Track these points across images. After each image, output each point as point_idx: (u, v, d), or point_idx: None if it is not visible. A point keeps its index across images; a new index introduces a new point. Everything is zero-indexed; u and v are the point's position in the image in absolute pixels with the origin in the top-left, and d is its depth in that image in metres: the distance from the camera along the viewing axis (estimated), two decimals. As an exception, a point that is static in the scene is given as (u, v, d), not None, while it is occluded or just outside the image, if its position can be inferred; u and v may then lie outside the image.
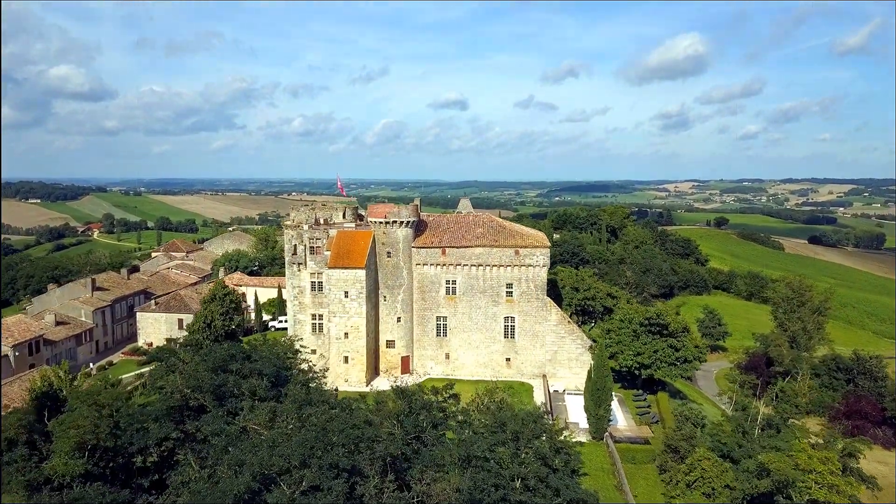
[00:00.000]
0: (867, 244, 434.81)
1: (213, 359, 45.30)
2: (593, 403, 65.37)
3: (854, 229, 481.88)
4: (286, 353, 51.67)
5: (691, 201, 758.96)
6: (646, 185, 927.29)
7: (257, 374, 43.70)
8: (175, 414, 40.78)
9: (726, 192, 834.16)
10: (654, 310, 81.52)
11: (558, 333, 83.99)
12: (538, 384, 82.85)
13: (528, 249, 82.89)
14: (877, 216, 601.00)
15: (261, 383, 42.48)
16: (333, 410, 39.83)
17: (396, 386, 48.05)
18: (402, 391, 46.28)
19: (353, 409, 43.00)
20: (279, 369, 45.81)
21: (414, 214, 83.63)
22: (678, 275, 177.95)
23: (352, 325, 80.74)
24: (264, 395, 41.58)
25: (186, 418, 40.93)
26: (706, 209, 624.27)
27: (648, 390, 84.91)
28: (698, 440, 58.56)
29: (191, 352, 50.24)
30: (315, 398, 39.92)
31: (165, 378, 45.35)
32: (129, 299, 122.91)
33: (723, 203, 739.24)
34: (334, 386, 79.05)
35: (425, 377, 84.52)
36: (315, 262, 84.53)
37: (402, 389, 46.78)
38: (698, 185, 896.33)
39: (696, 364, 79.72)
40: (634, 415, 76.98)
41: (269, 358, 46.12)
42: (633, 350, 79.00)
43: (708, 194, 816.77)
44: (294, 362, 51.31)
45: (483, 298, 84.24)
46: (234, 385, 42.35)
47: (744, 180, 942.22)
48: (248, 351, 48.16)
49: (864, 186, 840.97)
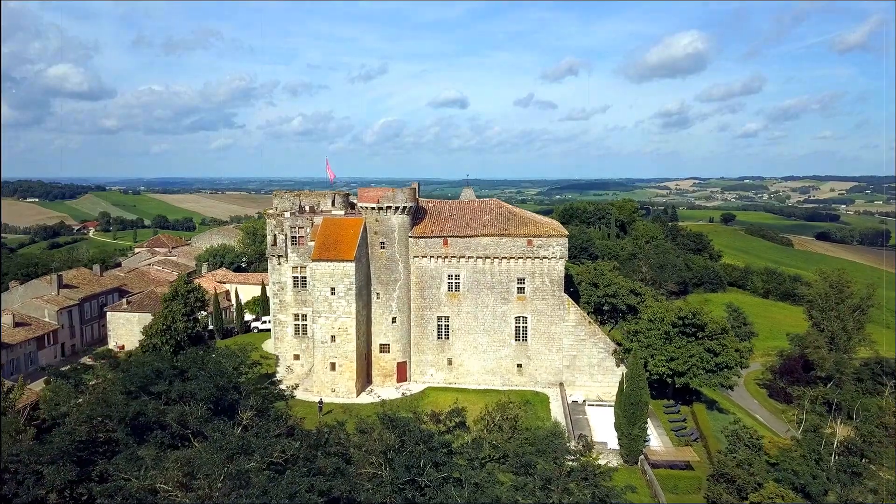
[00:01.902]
0: (872, 241, 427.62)
1: (130, 378, 34.34)
2: (626, 421, 54.58)
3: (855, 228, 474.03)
4: (240, 365, 40.48)
5: (692, 199, 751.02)
6: (646, 182, 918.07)
7: (189, 398, 32.65)
8: (82, 451, 29.89)
9: (727, 190, 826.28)
10: (689, 308, 70.73)
11: (577, 335, 73.19)
12: (554, 394, 72.09)
13: (542, 239, 72.07)
14: (879, 213, 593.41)
15: (196, 410, 31.53)
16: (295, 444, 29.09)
17: (384, 414, 37.06)
18: (392, 421, 35.48)
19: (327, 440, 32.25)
20: (224, 390, 34.69)
21: (411, 199, 72.76)
22: (692, 271, 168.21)
23: (339, 327, 69.83)
24: (197, 427, 30.50)
25: (98, 457, 30.05)
26: (708, 207, 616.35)
27: (680, 400, 74.24)
28: (757, 468, 47.80)
29: (108, 367, 39.25)
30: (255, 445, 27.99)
31: (69, 402, 34.55)
32: (101, 298, 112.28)
33: (724, 201, 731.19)
34: (319, 397, 68.25)
35: (424, 386, 73.74)
36: (297, 255, 73.61)
37: (391, 419, 35.96)
38: (699, 183, 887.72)
39: (738, 371, 68.93)
40: (668, 431, 66.22)
41: (211, 375, 34.96)
42: (665, 355, 68.23)
43: (709, 192, 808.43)
44: (249, 378, 40.19)
45: (491, 295, 73.40)
46: (156, 414, 31.33)
47: (745, 178, 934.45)
48: (186, 365, 37.17)
49: (866, 184, 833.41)
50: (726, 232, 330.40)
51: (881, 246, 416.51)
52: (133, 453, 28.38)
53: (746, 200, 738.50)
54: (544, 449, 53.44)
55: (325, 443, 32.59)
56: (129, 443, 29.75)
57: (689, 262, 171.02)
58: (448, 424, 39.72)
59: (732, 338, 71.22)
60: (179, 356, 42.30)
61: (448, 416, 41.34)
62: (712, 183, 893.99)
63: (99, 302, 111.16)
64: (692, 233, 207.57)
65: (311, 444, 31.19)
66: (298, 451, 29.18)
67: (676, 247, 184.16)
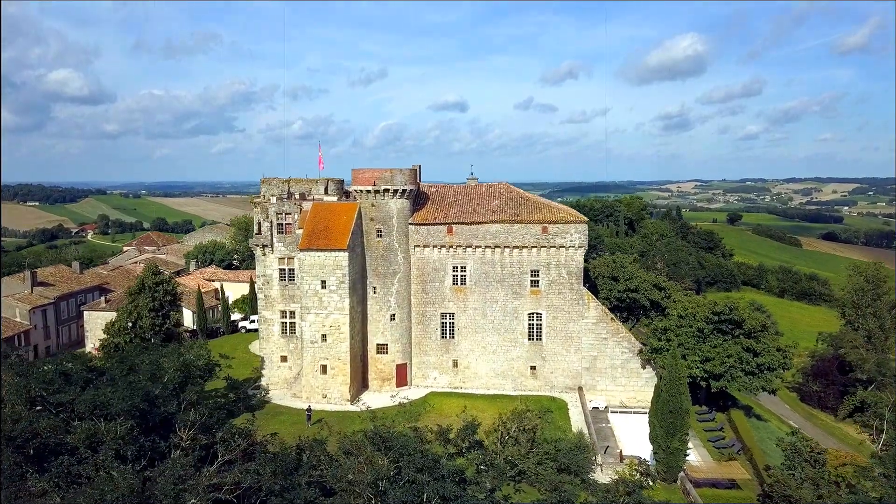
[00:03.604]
0: (877, 242, 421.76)
1: (30, 383, 26.21)
2: (664, 432, 46.68)
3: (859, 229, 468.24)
4: (185, 367, 32.18)
5: (694, 201, 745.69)
6: (648, 185, 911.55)
7: (99, 413, 24.50)
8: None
9: (729, 192, 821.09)
10: (725, 302, 62.86)
11: (598, 334, 65.32)
12: (573, 400, 64.21)
13: (559, 225, 64.26)
14: (882, 215, 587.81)
15: (113, 429, 23.41)
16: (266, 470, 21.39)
17: (373, 432, 29.01)
18: (384, 440, 27.55)
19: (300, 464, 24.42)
20: (153, 402, 26.39)
21: (412, 182, 64.96)
22: (705, 269, 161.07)
23: (331, 325, 61.89)
24: (117, 451, 22.40)
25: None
26: (711, 209, 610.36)
27: (713, 406, 66.44)
28: (826, 490, 39.91)
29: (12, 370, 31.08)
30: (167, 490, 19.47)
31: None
32: (80, 296, 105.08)
33: (726, 203, 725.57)
34: (308, 404, 60.34)
35: (426, 391, 65.83)
36: (284, 244, 65.72)
37: (382, 437, 28.02)
38: (701, 185, 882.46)
39: (781, 373, 61.01)
40: (705, 442, 58.31)
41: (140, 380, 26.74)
42: (699, 355, 60.33)
43: (711, 194, 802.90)
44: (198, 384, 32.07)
45: (501, 290, 65.55)
46: (52, 433, 23.29)
47: (746, 180, 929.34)
48: (106, 367, 29.16)
49: (868, 185, 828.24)
50: (733, 232, 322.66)
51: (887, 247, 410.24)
52: (20, 489, 20.49)
53: (749, 202, 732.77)
54: (568, 465, 45.92)
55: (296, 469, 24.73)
56: (21, 472, 21.73)
57: (701, 260, 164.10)
58: (460, 445, 31.67)
59: (773, 335, 63.37)
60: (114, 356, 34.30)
61: (460, 433, 33.04)
62: (714, 185, 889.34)
63: (77, 301, 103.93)
64: (703, 231, 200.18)
65: (276, 471, 23.38)
66: (261, 480, 21.45)
67: (688, 245, 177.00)
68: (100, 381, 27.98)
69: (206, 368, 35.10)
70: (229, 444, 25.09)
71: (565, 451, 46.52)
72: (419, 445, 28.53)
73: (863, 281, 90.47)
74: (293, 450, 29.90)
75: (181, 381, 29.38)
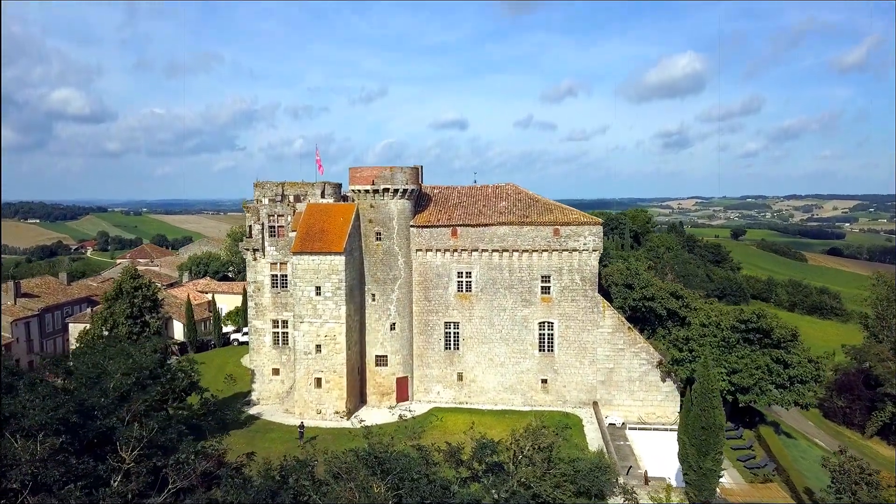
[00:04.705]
0: (880, 258, 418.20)
1: None
2: (696, 451, 41.84)
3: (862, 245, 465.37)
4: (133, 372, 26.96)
5: (695, 218, 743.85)
6: (648, 202, 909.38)
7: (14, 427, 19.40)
8: None
9: (730, 209, 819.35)
10: (752, 309, 58.31)
11: (614, 344, 60.67)
12: (587, 415, 59.39)
13: (571, 227, 59.89)
14: (885, 231, 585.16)
15: (28, 447, 18.41)
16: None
17: (365, 451, 24.19)
18: (381, 461, 22.88)
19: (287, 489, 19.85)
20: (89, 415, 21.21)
21: (413, 181, 60.69)
22: (714, 282, 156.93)
23: (326, 334, 57.21)
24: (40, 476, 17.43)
25: None
26: (712, 225, 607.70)
27: (739, 422, 61.63)
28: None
29: None
30: None
31: None
32: (66, 308, 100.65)
33: (727, 219, 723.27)
34: (300, 420, 55.49)
35: (429, 406, 61.00)
36: (276, 248, 61.26)
37: (378, 458, 23.33)
38: (701, 202, 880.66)
39: (813, 386, 56.19)
40: (734, 461, 53.41)
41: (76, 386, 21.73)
42: (725, 367, 55.61)
43: (712, 211, 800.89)
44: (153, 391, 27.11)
45: (509, 297, 61.01)
46: None
47: (747, 197, 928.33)
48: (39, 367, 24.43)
49: (869, 202, 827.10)
50: (738, 247, 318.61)
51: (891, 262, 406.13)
52: None
53: (749, 219, 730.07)
54: (588, 488, 41.16)
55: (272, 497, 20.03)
56: None
57: (710, 273, 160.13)
58: (477, 469, 26.73)
59: (803, 346, 58.72)
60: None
61: (475, 453, 27.87)
62: (714, 202, 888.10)
63: (63, 313, 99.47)
64: (710, 244, 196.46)
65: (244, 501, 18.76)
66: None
67: (696, 258, 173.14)
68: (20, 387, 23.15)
69: (170, 372, 30.36)
70: (182, 467, 20.28)
71: (584, 472, 41.73)
72: (424, 468, 23.80)
73: (888, 291, 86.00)
74: (276, 472, 25.29)
75: (129, 388, 24.55)
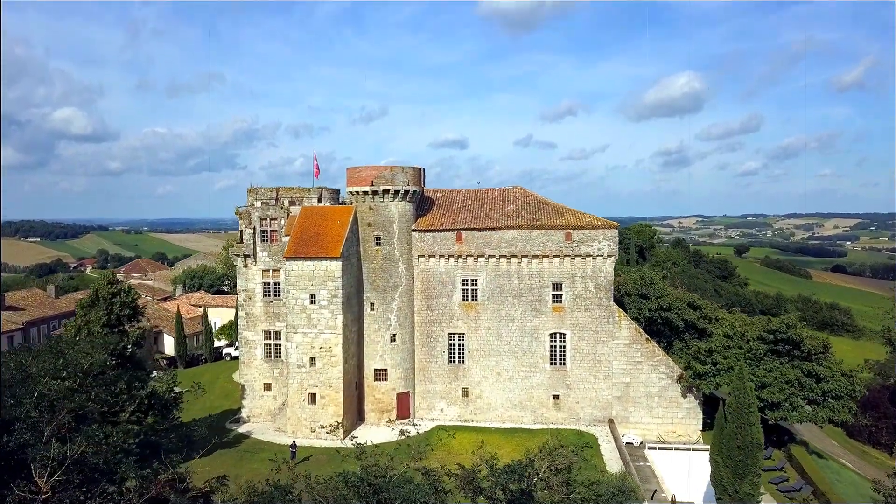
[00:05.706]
0: (883, 275, 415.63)
1: None
2: (732, 473, 37.62)
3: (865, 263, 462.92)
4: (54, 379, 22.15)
5: (696, 236, 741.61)
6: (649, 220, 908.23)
7: None
8: None
9: (731, 228, 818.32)
10: (779, 319, 54.27)
11: (631, 357, 56.51)
12: (603, 434, 55.04)
13: (584, 231, 56.04)
14: (886, 250, 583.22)
15: None
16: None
17: (356, 476, 19.85)
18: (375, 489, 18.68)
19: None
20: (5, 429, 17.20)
21: (415, 183, 56.95)
22: (723, 297, 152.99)
23: (321, 346, 53.06)
24: None
25: None
26: (713, 243, 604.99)
27: (767, 441, 57.14)
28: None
29: None
30: None
31: None
32: (53, 322, 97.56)
33: (728, 238, 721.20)
34: (293, 439, 51.13)
35: (433, 424, 56.62)
36: (268, 254, 57.36)
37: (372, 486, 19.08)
38: (702, 221, 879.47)
39: (848, 402, 51.92)
40: (765, 483, 48.96)
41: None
42: (753, 380, 51.26)
43: (713, 229, 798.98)
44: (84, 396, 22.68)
45: (518, 306, 56.98)
46: None
47: (748, 215, 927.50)
48: None
49: (870, 221, 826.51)
50: (742, 264, 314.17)
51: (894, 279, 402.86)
52: None
53: (751, 238, 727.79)
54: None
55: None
56: None
57: (718, 288, 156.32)
58: (498, 497, 22.05)
59: (835, 358, 54.57)
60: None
61: (498, 479, 22.80)
62: (715, 220, 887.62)
63: (49, 326, 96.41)
64: (717, 259, 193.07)
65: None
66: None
67: (703, 272, 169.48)
68: None
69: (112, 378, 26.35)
70: (114, 496, 16.06)
71: (607, 496, 37.41)
72: (432, 497, 19.53)
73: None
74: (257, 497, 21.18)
75: (62, 395, 20.30)
